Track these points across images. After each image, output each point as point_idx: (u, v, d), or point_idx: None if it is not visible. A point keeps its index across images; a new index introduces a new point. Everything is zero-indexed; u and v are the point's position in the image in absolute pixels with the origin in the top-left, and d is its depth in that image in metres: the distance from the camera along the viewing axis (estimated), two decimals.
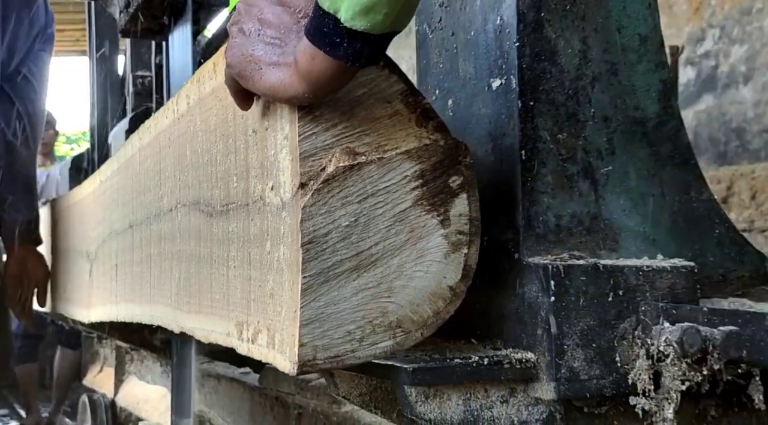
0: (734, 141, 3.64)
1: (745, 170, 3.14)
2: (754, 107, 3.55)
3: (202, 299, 1.05)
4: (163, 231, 1.22)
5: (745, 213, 3.08)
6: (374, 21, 0.73)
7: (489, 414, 0.90)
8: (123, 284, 1.53)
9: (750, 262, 1.02)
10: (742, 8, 3.62)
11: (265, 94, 0.82)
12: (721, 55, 3.72)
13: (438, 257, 0.86)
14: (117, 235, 1.56)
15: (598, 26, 0.97)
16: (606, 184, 0.96)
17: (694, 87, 3.86)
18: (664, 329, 0.88)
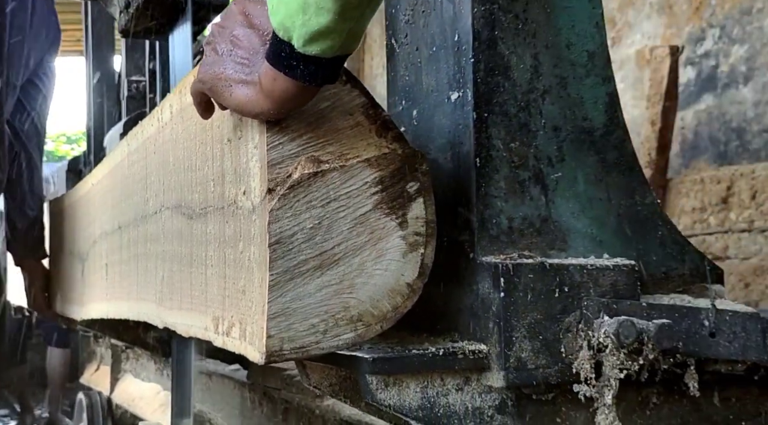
0: (734, 141, 3.65)
1: (745, 170, 3.16)
2: (754, 107, 3.57)
3: (183, 296, 1.13)
4: (149, 232, 1.30)
5: (745, 213, 3.10)
6: (323, 47, 0.81)
7: (445, 401, 0.98)
8: (112, 282, 1.61)
9: (690, 261, 1.10)
10: (742, 8, 3.64)
11: (234, 109, 0.90)
12: (721, 55, 3.74)
13: (396, 257, 0.93)
14: (107, 235, 1.63)
15: (549, 43, 1.05)
16: (556, 189, 1.04)
17: (694, 87, 3.86)
18: (604, 322, 0.96)
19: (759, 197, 3.03)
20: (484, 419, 0.99)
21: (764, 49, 3.52)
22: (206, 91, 0.92)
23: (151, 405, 3.18)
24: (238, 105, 0.88)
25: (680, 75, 3.51)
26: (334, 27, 0.80)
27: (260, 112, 0.87)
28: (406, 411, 0.96)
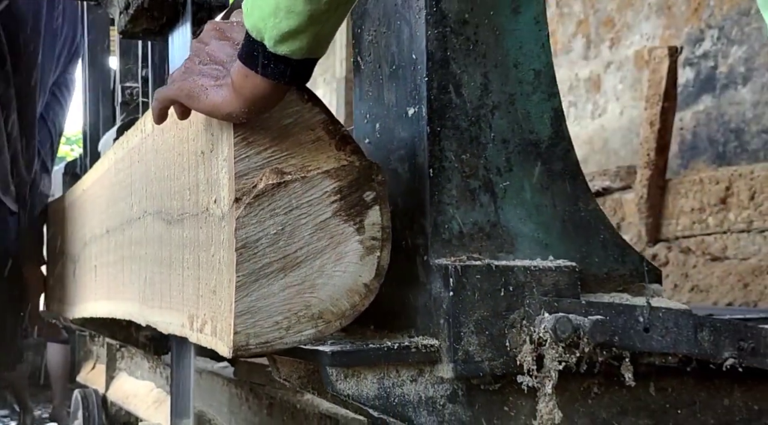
0: (733, 142, 3.67)
1: (744, 171, 3.18)
2: (752, 108, 3.59)
3: (163, 296, 1.22)
4: (134, 236, 1.39)
5: (743, 214, 3.12)
6: (293, 47, 0.90)
7: (400, 391, 1.07)
8: (101, 283, 1.70)
9: (630, 262, 1.19)
10: (741, 9, 3.67)
11: (209, 111, 0.98)
12: (719, 55, 3.76)
13: (354, 259, 1.03)
14: (96, 239, 1.72)
15: (498, 63, 1.14)
16: (504, 196, 1.14)
17: (693, 88, 3.89)
18: (544, 318, 1.05)
19: (758, 197, 3.05)
20: (436, 407, 1.08)
21: (763, 50, 3.55)
22: (182, 99, 0.99)
23: (144, 402, 3.26)
24: (213, 106, 0.96)
25: (679, 76, 3.54)
26: (303, 29, 0.88)
27: (232, 111, 0.95)
28: (363, 400, 1.05)
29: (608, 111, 4.47)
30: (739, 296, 2.98)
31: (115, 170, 1.54)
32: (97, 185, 1.77)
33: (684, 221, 3.34)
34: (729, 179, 3.18)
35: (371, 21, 1.23)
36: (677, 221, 3.34)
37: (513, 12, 1.15)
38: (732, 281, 3.04)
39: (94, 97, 3.67)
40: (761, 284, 2.94)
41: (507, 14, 1.15)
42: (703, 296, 3.11)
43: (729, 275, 3.05)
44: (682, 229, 3.32)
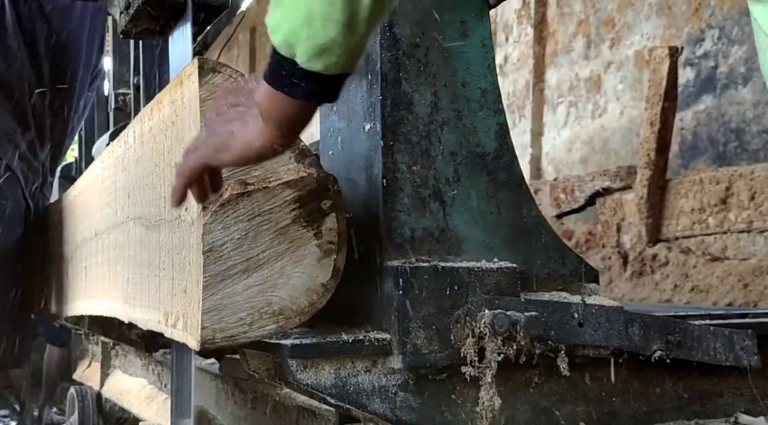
0: (733, 142, 3.66)
1: (744, 171, 3.15)
2: (753, 108, 3.57)
3: (142, 295, 1.33)
4: (118, 240, 1.50)
5: (744, 214, 3.11)
6: (328, 62, 0.83)
7: (355, 380, 1.18)
8: (90, 283, 1.81)
9: (570, 264, 1.30)
10: (742, 9, 3.63)
11: (244, 153, 0.92)
12: (720, 55, 3.74)
13: (312, 262, 1.14)
14: (86, 241, 1.83)
15: (447, 82, 1.26)
16: (452, 204, 1.25)
17: (693, 88, 3.87)
18: (484, 315, 1.16)
19: (758, 197, 3.05)
20: (389, 395, 1.19)
21: None
22: (211, 159, 0.94)
23: (137, 398, 3.37)
24: (246, 144, 0.90)
25: (679, 76, 3.50)
26: (340, 40, 0.80)
27: (265, 141, 0.89)
28: (321, 389, 1.16)
29: (608, 111, 4.47)
30: (739, 296, 3.00)
31: (102, 178, 1.65)
32: (87, 191, 1.88)
33: (684, 222, 3.33)
34: (729, 179, 3.16)
35: None
36: (677, 221, 3.35)
37: (461, 36, 1.27)
38: (732, 281, 3.05)
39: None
40: (761, 285, 2.95)
41: (455, 38, 1.26)
42: (703, 296, 3.12)
43: (729, 276, 3.06)
44: (683, 229, 3.32)
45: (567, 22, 4.78)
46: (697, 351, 1.30)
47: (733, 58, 3.67)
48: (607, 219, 3.72)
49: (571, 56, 4.75)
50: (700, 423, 1.32)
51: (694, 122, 3.84)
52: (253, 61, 10.10)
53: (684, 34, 3.94)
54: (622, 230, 3.64)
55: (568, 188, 3.97)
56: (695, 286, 3.15)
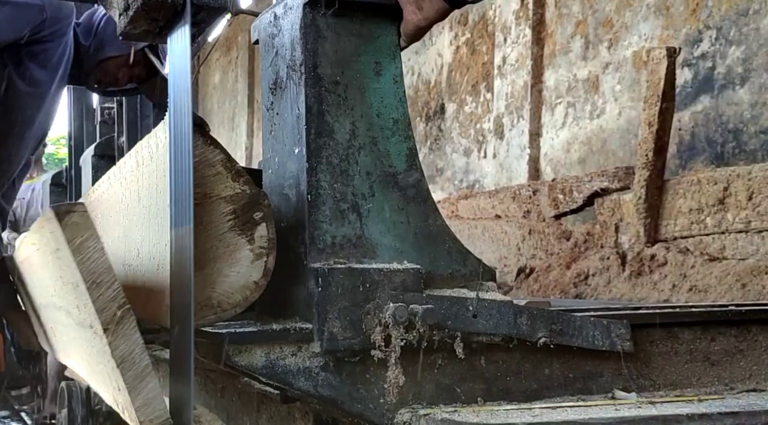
0: (731, 142, 3.68)
1: (742, 171, 3.09)
2: (750, 108, 3.58)
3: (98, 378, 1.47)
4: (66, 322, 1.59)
5: (741, 214, 3.08)
6: None
7: (283, 363, 1.42)
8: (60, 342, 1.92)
9: (471, 265, 1.54)
10: (739, 9, 3.66)
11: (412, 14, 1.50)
12: (717, 56, 3.76)
13: (246, 263, 1.38)
14: (43, 307, 1.94)
15: (363, 114, 1.50)
16: (368, 215, 1.49)
17: (691, 88, 3.88)
18: (389, 307, 1.40)
19: (756, 197, 3.03)
20: (311, 375, 1.43)
21: (761, 50, 3.54)
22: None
23: None
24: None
25: (677, 76, 3.46)
26: None
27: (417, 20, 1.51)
28: (254, 370, 1.40)
29: (606, 112, 4.49)
30: (737, 296, 2.99)
31: (36, 261, 1.76)
32: (26, 263, 2.01)
33: (682, 222, 3.30)
34: (727, 179, 3.12)
35: (272, 77, 1.59)
36: (675, 221, 3.33)
37: (376, 74, 1.51)
38: (730, 281, 3.04)
39: (78, 113, 3.93)
40: (759, 285, 2.95)
41: (371, 76, 1.50)
42: (701, 296, 3.12)
43: (727, 276, 3.06)
44: (681, 229, 3.31)
45: (565, 23, 4.81)
46: (577, 338, 1.53)
47: (730, 58, 3.69)
48: (605, 220, 3.73)
49: (569, 57, 4.77)
50: (583, 398, 1.55)
51: (692, 122, 3.85)
52: (253, 62, 10.29)
53: (682, 35, 3.94)
54: (621, 231, 3.64)
55: (567, 189, 3.97)
56: (693, 286, 3.17)
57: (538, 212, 4.14)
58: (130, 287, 1.61)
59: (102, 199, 2.00)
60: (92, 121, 3.93)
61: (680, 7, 3.99)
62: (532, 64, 5.00)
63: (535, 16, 5.01)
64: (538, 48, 5.01)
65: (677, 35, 3.98)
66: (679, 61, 3.66)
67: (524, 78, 5.06)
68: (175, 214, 1.31)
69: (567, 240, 4.00)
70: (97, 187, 2.02)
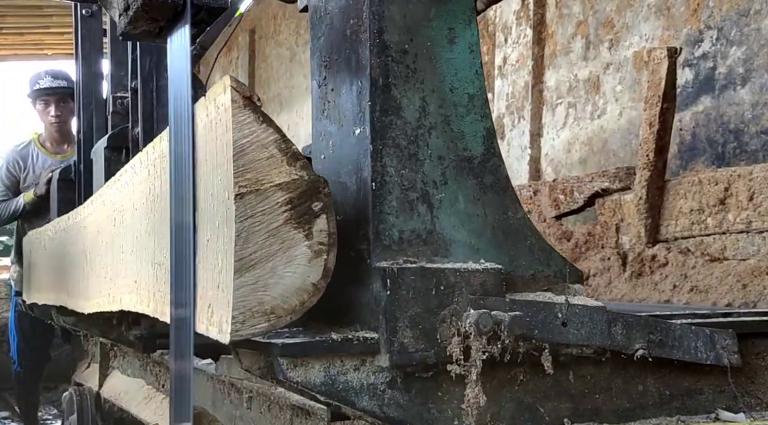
0: (732, 142, 3.65)
1: (743, 171, 3.11)
2: (751, 109, 3.56)
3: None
4: None
5: (742, 214, 3.06)
6: None
7: (344, 379, 1.21)
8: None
9: (555, 265, 1.34)
10: (740, 10, 3.64)
11: None
12: (718, 56, 3.74)
13: (303, 262, 1.17)
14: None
15: (435, 88, 1.29)
16: (440, 207, 1.28)
17: (692, 88, 3.86)
18: (469, 314, 1.20)
19: (756, 198, 3.02)
20: (377, 393, 1.22)
21: (762, 50, 3.53)
22: None
23: (135, 399, 3.41)
24: None
25: (678, 77, 3.48)
26: None
27: None
28: (311, 387, 1.19)
29: (607, 112, 4.47)
30: (738, 296, 2.97)
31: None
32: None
33: (683, 222, 3.29)
34: (728, 179, 3.13)
35: (325, 49, 1.38)
36: (676, 221, 3.31)
37: (449, 42, 1.30)
38: (731, 281, 3.01)
39: (87, 106, 3.76)
40: (760, 285, 2.92)
41: (443, 44, 1.30)
42: (702, 296, 3.10)
43: (728, 276, 3.03)
44: (681, 230, 3.29)
45: (566, 23, 4.79)
46: (678, 350, 1.33)
47: (731, 59, 3.67)
48: (606, 220, 3.71)
49: (570, 57, 4.76)
50: (682, 419, 1.35)
51: (693, 122, 3.85)
52: (253, 63, 10.13)
53: (683, 35, 3.95)
54: (621, 231, 3.61)
55: (567, 189, 3.95)
56: (694, 286, 3.13)
57: (538, 212, 4.10)
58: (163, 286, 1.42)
59: (125, 191, 1.80)
60: (102, 113, 3.74)
61: (681, 8, 3.98)
62: (532, 65, 4.98)
63: (536, 17, 4.98)
64: (538, 48, 4.97)
65: (678, 35, 3.97)
66: (680, 62, 3.67)
67: (525, 78, 5.04)
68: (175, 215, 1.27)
69: (568, 241, 3.98)
70: (118, 177, 1.82)
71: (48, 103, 4.47)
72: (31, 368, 4.68)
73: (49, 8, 7.15)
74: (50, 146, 4.57)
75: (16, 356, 4.72)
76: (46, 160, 4.56)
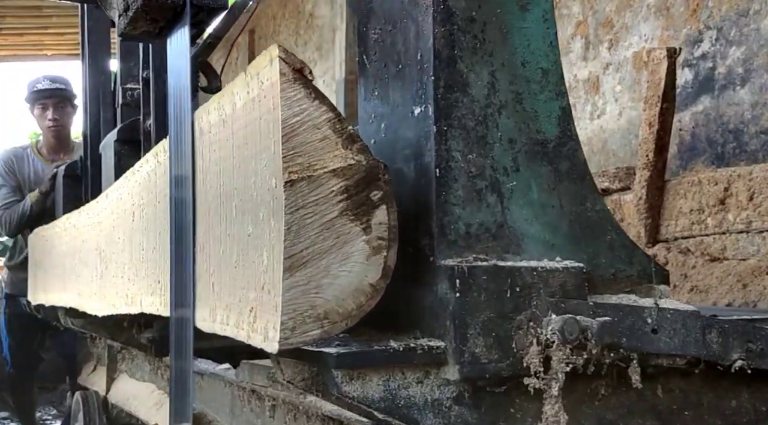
0: (731, 142, 3.65)
1: (743, 171, 3.14)
2: (751, 109, 3.57)
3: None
4: None
5: (742, 214, 3.08)
6: None
7: (406, 393, 1.06)
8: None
9: (638, 263, 1.18)
10: (739, 10, 3.65)
11: None
12: (718, 56, 3.74)
13: (360, 259, 1.02)
14: None
15: (505, 61, 1.13)
16: (511, 197, 1.12)
17: (692, 89, 3.87)
18: (551, 320, 1.04)
19: (756, 198, 3.02)
20: (442, 410, 1.07)
21: (761, 50, 3.53)
22: None
23: (145, 404, 3.25)
24: None
25: (678, 77, 3.51)
26: None
27: None
28: (369, 402, 1.04)
29: (607, 112, 4.46)
30: (738, 296, 2.97)
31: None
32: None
33: (683, 222, 3.30)
34: (728, 179, 3.15)
35: (377, 19, 1.23)
36: (676, 221, 3.32)
37: (521, 9, 1.15)
38: (731, 281, 3.01)
39: (94, 100, 3.64)
40: (760, 285, 2.91)
41: (515, 12, 1.14)
42: (702, 296, 3.08)
43: (728, 276, 3.03)
44: (681, 230, 3.29)
45: (565, 23, 4.75)
46: None
47: (731, 59, 3.68)
48: None
49: (569, 57, 4.72)
50: None
51: (693, 122, 3.85)
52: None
53: (682, 35, 3.94)
54: None
55: None
56: (694, 286, 3.13)
57: None
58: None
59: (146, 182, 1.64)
60: (110, 106, 3.60)
61: (680, 8, 3.98)
62: None
63: None
64: None
65: (677, 36, 3.97)
66: (680, 62, 3.68)
67: None
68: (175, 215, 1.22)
69: None
70: (138, 168, 1.67)
71: (46, 106, 4.31)
72: (23, 369, 4.55)
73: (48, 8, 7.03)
74: (46, 153, 4.41)
75: (8, 357, 4.59)
76: (39, 166, 4.41)
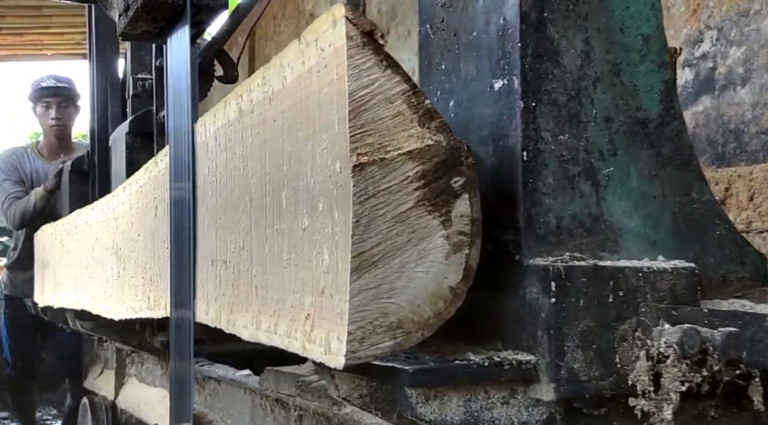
0: (732, 142, 3.58)
1: (743, 172, 3.11)
2: (751, 109, 3.49)
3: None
4: None
5: (743, 215, 3.02)
6: None
7: (489, 416, 0.90)
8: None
9: (750, 263, 1.02)
10: (740, 10, 3.59)
11: None
12: (718, 56, 3.66)
13: (439, 258, 0.85)
14: None
15: (601, 26, 0.97)
16: (607, 185, 0.96)
17: (692, 89, 3.78)
18: (664, 330, 0.88)
19: (757, 198, 2.98)
20: None
21: (762, 50, 3.46)
22: None
23: (156, 410, 3.10)
24: None
25: (678, 77, 3.39)
26: None
27: None
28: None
29: None
30: None
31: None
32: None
33: None
34: (728, 180, 3.11)
35: None
36: None
37: None
38: None
39: (102, 94, 3.54)
40: None
41: None
42: None
43: None
44: None
45: None
46: None
47: (731, 59, 3.59)
48: None
49: None
50: None
51: (693, 122, 3.77)
52: (253, 63, 9.86)
53: (682, 35, 3.86)
54: None
55: None
56: None
57: None
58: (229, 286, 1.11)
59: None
60: (118, 98, 3.46)
61: (681, 8, 3.90)
62: None
63: None
64: None
65: (678, 36, 3.87)
66: (680, 62, 3.65)
67: None
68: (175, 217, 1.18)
69: None
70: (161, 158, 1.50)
71: (49, 105, 4.17)
72: (23, 369, 4.44)
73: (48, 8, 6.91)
74: (47, 153, 4.27)
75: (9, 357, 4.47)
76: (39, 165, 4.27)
